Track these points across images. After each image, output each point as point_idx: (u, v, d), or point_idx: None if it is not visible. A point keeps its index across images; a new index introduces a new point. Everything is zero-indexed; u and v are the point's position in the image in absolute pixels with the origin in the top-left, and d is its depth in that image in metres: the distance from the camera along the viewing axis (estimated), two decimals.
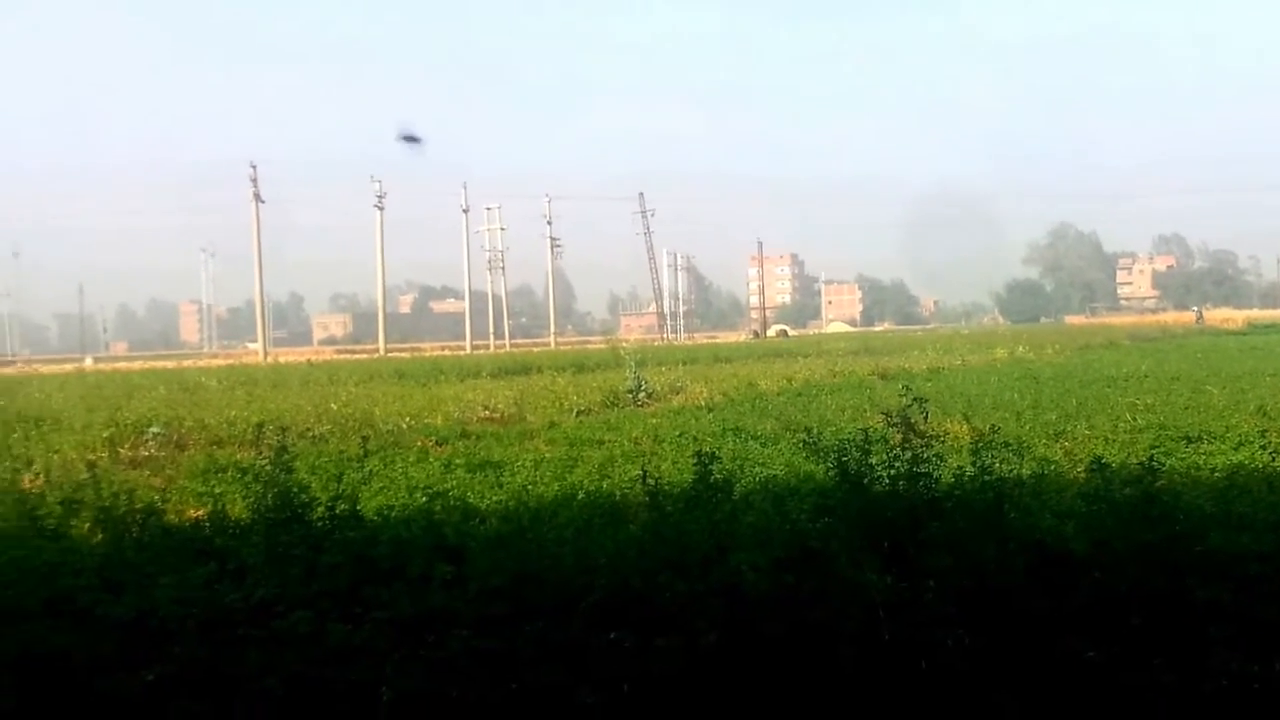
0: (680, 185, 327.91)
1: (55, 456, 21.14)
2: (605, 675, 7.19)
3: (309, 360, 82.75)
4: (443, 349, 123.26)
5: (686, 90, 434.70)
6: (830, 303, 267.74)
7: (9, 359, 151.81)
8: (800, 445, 14.66)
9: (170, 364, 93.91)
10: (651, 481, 11.53)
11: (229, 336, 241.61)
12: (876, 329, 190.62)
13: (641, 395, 35.25)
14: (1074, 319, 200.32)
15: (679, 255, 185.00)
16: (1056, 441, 20.23)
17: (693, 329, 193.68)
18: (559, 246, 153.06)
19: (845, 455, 10.78)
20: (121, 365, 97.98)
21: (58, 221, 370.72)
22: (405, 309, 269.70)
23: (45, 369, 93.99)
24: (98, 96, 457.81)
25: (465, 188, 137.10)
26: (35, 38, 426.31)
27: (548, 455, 20.92)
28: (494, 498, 15.71)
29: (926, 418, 12.15)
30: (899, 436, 11.49)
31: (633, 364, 39.48)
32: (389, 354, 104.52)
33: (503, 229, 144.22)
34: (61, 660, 7.97)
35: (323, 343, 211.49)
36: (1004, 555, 9.16)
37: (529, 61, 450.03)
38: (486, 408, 30.73)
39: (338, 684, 7.36)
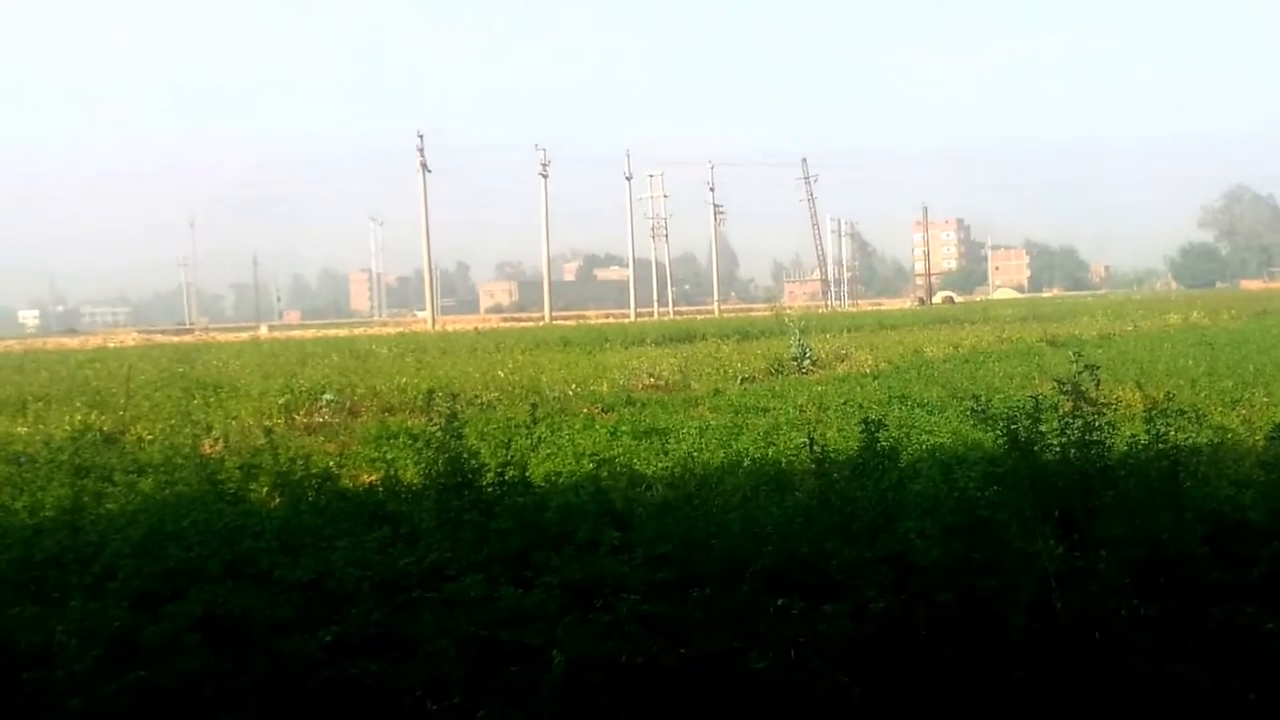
0: (844, 150, 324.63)
1: (233, 423, 21.73)
2: (774, 640, 7.18)
3: (476, 328, 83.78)
4: (607, 316, 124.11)
5: (847, 57, 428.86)
6: (997, 268, 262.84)
7: (188, 327, 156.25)
8: (968, 413, 14.43)
9: (342, 332, 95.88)
10: (818, 449, 11.48)
11: (398, 305, 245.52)
12: (1045, 295, 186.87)
13: (806, 362, 35.03)
14: (1250, 284, 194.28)
15: (842, 221, 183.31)
16: (1233, 409, 19.64)
17: (856, 296, 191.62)
18: (722, 213, 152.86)
19: (1015, 423, 10.61)
20: (295, 333, 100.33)
21: (233, 193, 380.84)
22: (570, 277, 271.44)
23: (222, 337, 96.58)
24: (276, 70, 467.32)
25: (628, 155, 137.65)
26: (221, 14, 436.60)
27: (713, 422, 20.92)
28: (660, 464, 15.78)
29: (1098, 385, 11.89)
30: (1069, 404, 11.27)
31: (797, 331, 39.26)
32: (554, 321, 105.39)
33: (666, 196, 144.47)
34: (243, 621, 8.22)
35: (489, 311, 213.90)
36: (1180, 524, 8.96)
37: (695, 29, 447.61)
38: (651, 375, 30.81)
39: (509, 646, 7.45)
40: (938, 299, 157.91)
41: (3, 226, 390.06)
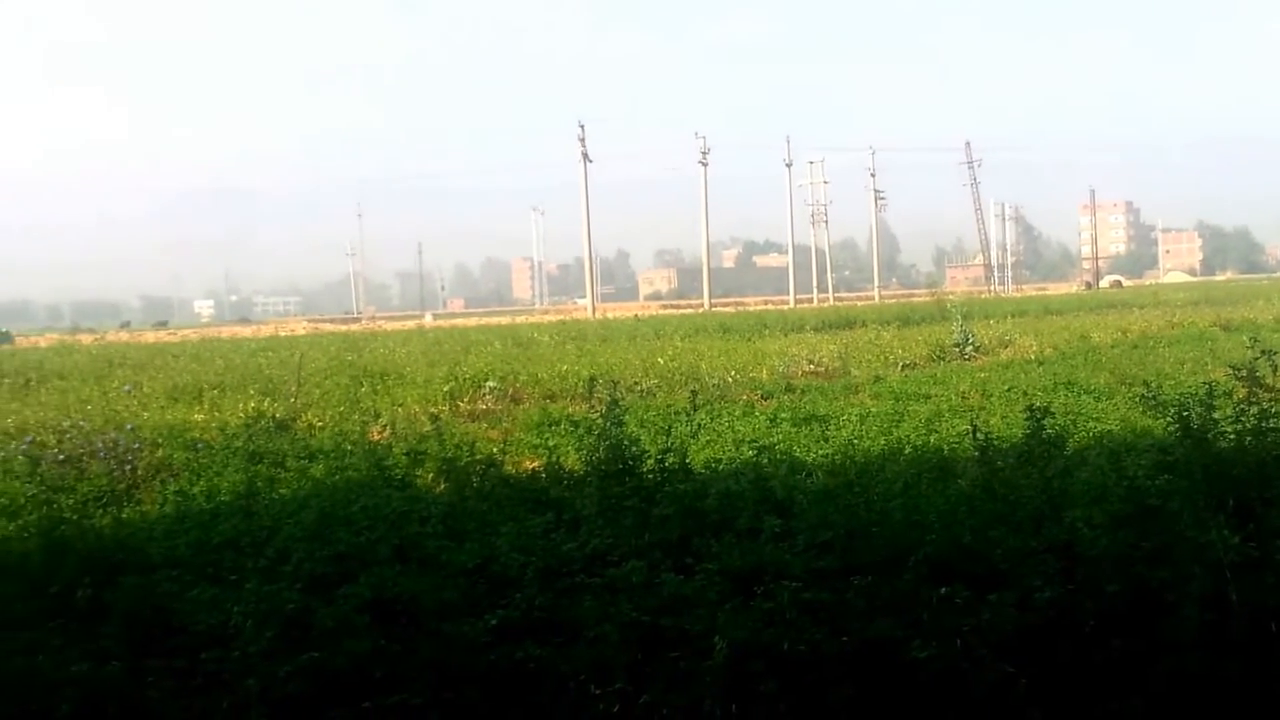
0: (1009, 132, 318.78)
1: (400, 410, 22.02)
2: (937, 630, 7.13)
3: (636, 315, 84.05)
4: (766, 303, 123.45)
5: (1011, 36, 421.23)
6: (1167, 251, 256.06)
7: (355, 316, 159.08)
8: (1137, 399, 14.13)
9: (504, 320, 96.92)
10: (981, 436, 11.35)
11: (559, 292, 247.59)
12: (1218, 278, 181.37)
13: (968, 348, 34.52)
14: None
15: (1006, 205, 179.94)
16: None
17: (1021, 280, 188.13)
18: (883, 199, 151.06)
19: (1186, 410, 10.34)
20: (459, 321, 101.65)
21: (399, 183, 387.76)
22: (729, 264, 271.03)
23: (388, 325, 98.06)
24: (441, 62, 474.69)
25: (788, 142, 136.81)
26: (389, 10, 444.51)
27: (873, 409, 20.72)
28: (820, 452, 15.71)
29: (1275, 370, 11.57)
30: (1244, 390, 10.98)
31: (959, 317, 38.69)
32: (713, 308, 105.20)
33: (826, 182, 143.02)
34: (411, 604, 8.38)
35: (648, 298, 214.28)
36: None
37: (854, 14, 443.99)
38: (811, 361, 30.60)
39: (670, 633, 7.48)
40: (1105, 283, 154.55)
41: (182, 221, 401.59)
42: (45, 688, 6.76)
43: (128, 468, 15.38)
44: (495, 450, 14.86)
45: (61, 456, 15.72)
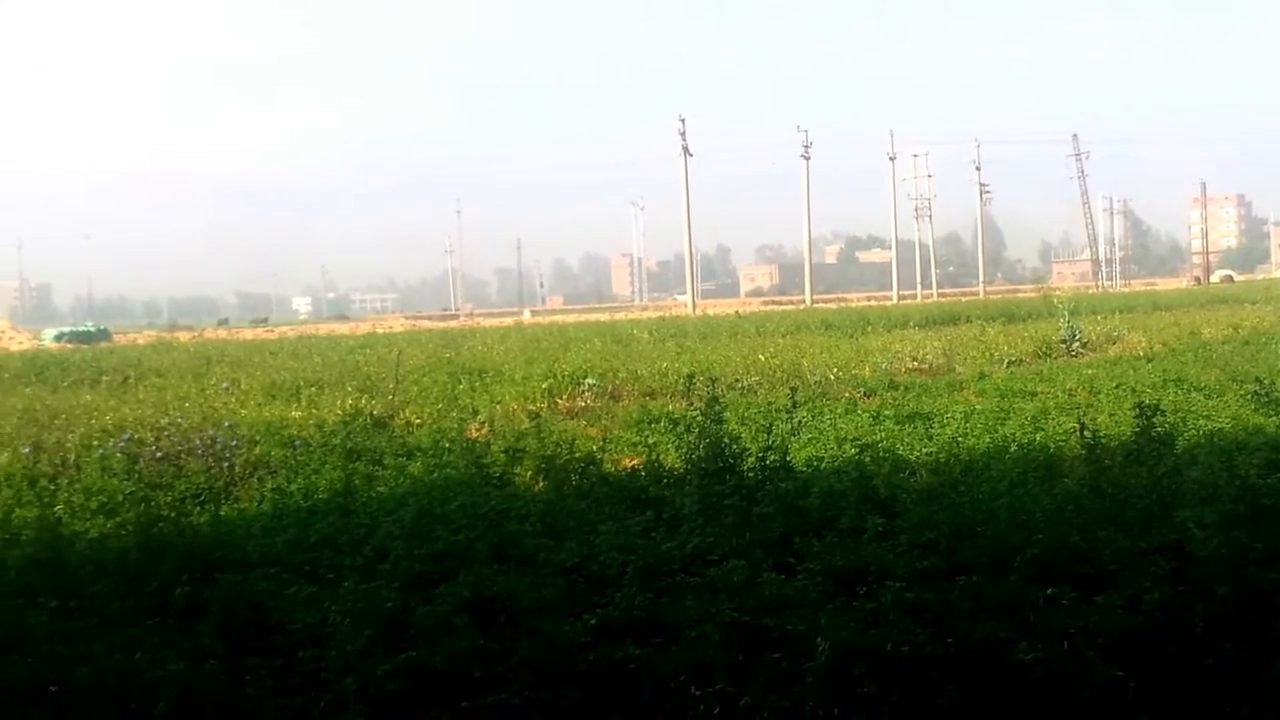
0: (1117, 125, 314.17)
1: (498, 407, 22.06)
2: (1044, 632, 6.96)
3: (736, 311, 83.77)
4: (868, 299, 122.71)
5: (1121, 26, 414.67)
6: None
7: (453, 313, 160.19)
8: (1249, 397, 13.80)
9: (603, 316, 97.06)
10: (1089, 434, 11.18)
11: (658, 288, 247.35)
12: None
13: (1075, 345, 34.09)
14: None
15: (1114, 199, 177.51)
16: None
17: (1129, 276, 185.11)
18: (988, 193, 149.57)
19: None
20: (557, 318, 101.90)
21: (496, 179, 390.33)
22: (831, 259, 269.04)
23: (486, 322, 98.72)
24: (536, 56, 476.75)
25: (892, 135, 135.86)
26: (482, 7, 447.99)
27: (978, 407, 20.47)
28: (924, 450, 15.51)
29: None
30: None
31: (1066, 313, 38.07)
32: (815, 304, 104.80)
33: (930, 176, 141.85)
34: (509, 603, 8.34)
35: (749, 294, 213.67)
36: None
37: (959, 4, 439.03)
38: (914, 358, 30.33)
39: (772, 633, 7.39)
40: (1216, 278, 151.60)
41: (280, 218, 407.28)
42: (144, 686, 6.77)
43: (225, 465, 15.53)
44: (594, 448, 14.80)
45: (160, 454, 15.89)
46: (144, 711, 6.58)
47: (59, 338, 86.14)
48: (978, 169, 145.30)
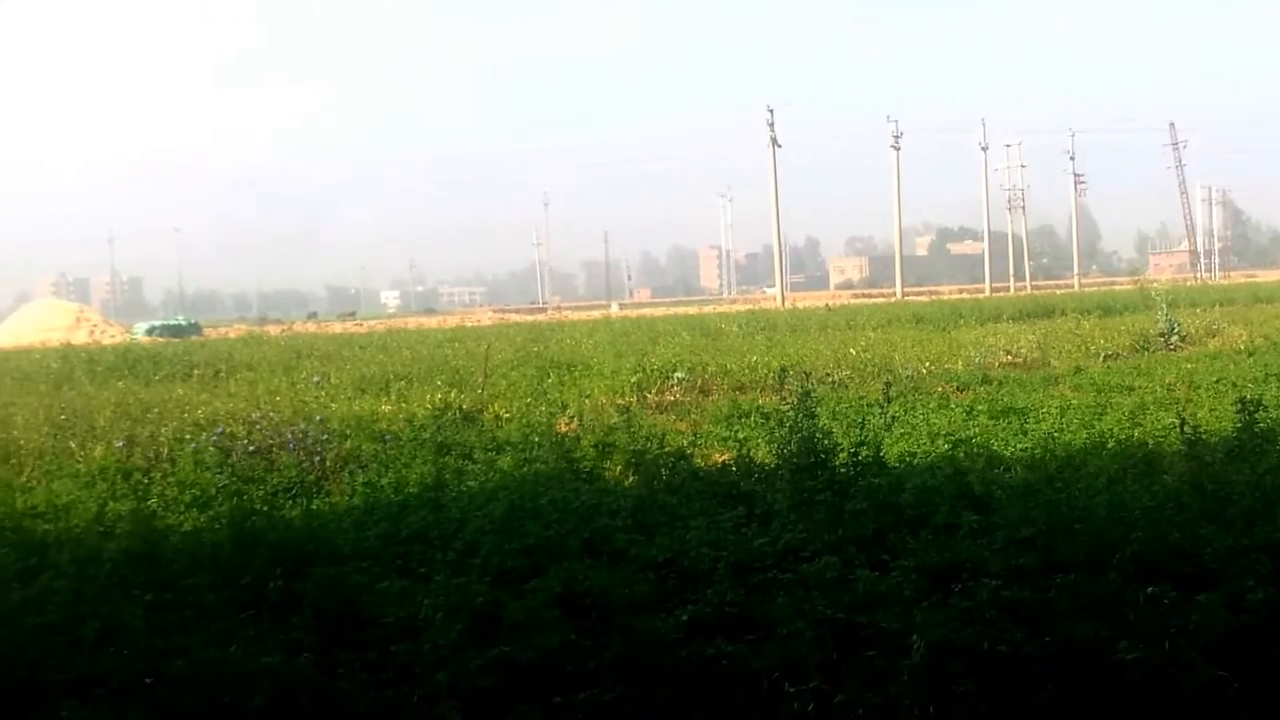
0: (1216, 113, 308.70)
1: (587, 401, 22.07)
2: (1144, 631, 6.83)
3: (826, 304, 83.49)
4: (960, 291, 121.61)
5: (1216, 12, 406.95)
6: None
7: (541, 306, 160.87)
8: None
9: (691, 309, 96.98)
10: (1188, 430, 10.99)
11: (747, 281, 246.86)
12: None
13: (1174, 338, 33.57)
14: None
15: (1213, 188, 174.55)
16: None
17: (1228, 267, 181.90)
18: (1083, 183, 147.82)
19: None
20: (645, 311, 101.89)
21: (584, 171, 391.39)
22: (922, 251, 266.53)
23: (574, 315, 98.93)
24: (620, 48, 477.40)
25: (984, 124, 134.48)
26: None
27: (1074, 401, 20.17)
28: (1018, 445, 15.30)
29: None
30: None
31: (1163, 305, 37.47)
32: (906, 297, 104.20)
33: (1023, 166, 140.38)
34: (600, 598, 8.32)
35: (839, 286, 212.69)
36: None
37: None
38: (1008, 352, 30.01)
39: (866, 630, 7.34)
40: None
41: (368, 212, 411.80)
42: (239, 679, 6.82)
43: (316, 459, 15.67)
44: (684, 443, 14.76)
45: (252, 448, 16.07)
46: (239, 704, 6.62)
47: (150, 331, 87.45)
48: (1072, 158, 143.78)
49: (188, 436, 17.03)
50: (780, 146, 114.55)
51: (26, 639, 7.74)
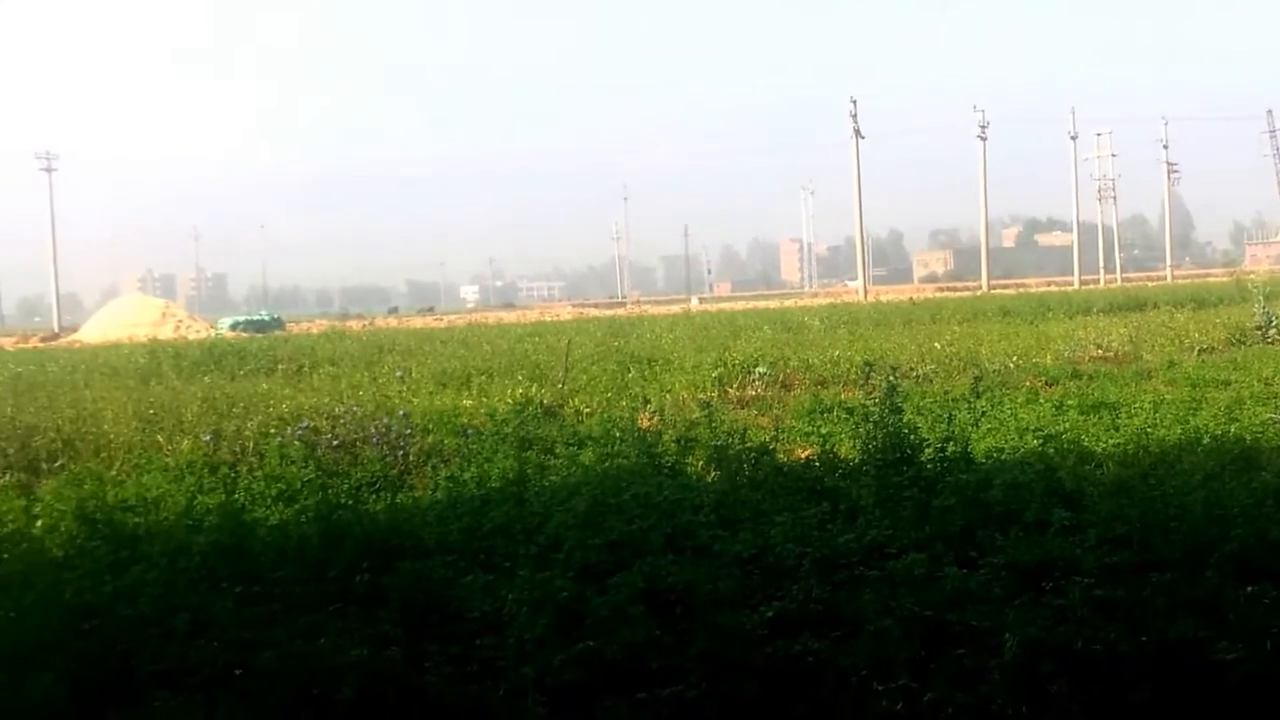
0: None
1: (668, 396, 21.99)
2: (1244, 630, 6.70)
3: (910, 298, 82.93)
4: (1048, 284, 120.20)
5: None
6: None
7: (620, 300, 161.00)
8: None
9: (772, 303, 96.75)
10: None
11: (829, 275, 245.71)
12: None
13: (1271, 331, 32.89)
14: None
15: None
16: None
17: None
18: (1175, 173, 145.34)
19: None
20: (725, 305, 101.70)
21: (663, 165, 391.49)
22: (1008, 243, 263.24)
23: (653, 310, 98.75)
24: (702, 40, 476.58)
25: (1073, 113, 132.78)
26: None
27: (1167, 396, 19.85)
28: (1110, 441, 15.08)
29: None
30: None
31: (1261, 297, 36.70)
32: (992, 290, 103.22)
33: (1114, 156, 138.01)
34: (685, 594, 8.27)
35: (923, 280, 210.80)
36: None
37: None
38: (1099, 346, 29.59)
39: (955, 628, 7.26)
40: None
41: (448, 207, 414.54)
42: (327, 671, 6.86)
43: (399, 453, 15.76)
44: (767, 438, 14.66)
45: (336, 442, 16.20)
46: (327, 696, 6.66)
47: (235, 326, 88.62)
48: (1165, 147, 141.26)
49: (273, 431, 17.20)
50: (863, 138, 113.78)
51: (119, 630, 7.87)
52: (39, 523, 11.89)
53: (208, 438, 16.78)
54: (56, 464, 16.38)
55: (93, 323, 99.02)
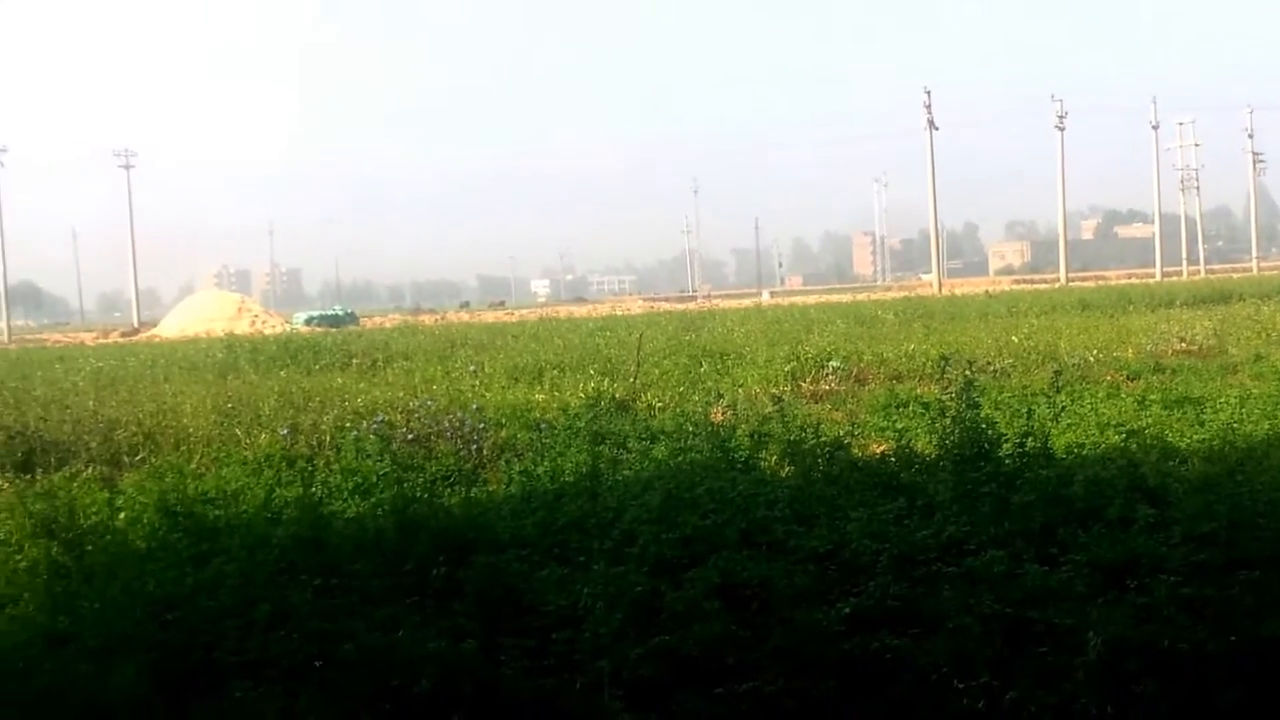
0: None
1: (740, 390, 21.90)
2: None
3: (986, 291, 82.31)
4: (1129, 277, 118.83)
5: None
6: None
7: (691, 294, 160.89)
8: None
9: (844, 297, 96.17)
10: None
11: (902, 268, 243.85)
12: None
13: None
14: None
15: None
16: None
17: None
18: (1262, 162, 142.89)
19: None
20: (797, 299, 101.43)
21: (733, 158, 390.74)
22: (1087, 235, 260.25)
23: (724, 303, 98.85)
24: (768, 33, 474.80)
25: (1154, 102, 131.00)
26: None
27: (1254, 391, 19.42)
28: (1195, 437, 14.79)
29: None
30: None
31: None
32: (1070, 283, 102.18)
33: (1196, 145, 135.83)
34: (760, 589, 8.23)
35: (999, 272, 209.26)
36: None
37: None
38: (1182, 339, 29.07)
39: (1037, 626, 7.19)
40: None
41: (515, 202, 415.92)
42: (405, 664, 6.90)
43: (473, 447, 15.75)
44: (841, 432, 14.55)
45: (410, 436, 16.22)
46: (404, 688, 6.70)
47: (309, 321, 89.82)
48: (1250, 136, 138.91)
49: (348, 425, 17.31)
50: (938, 129, 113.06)
51: (200, 621, 7.98)
52: (122, 515, 12.03)
53: (285, 432, 16.88)
54: (138, 457, 16.60)
55: (171, 318, 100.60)
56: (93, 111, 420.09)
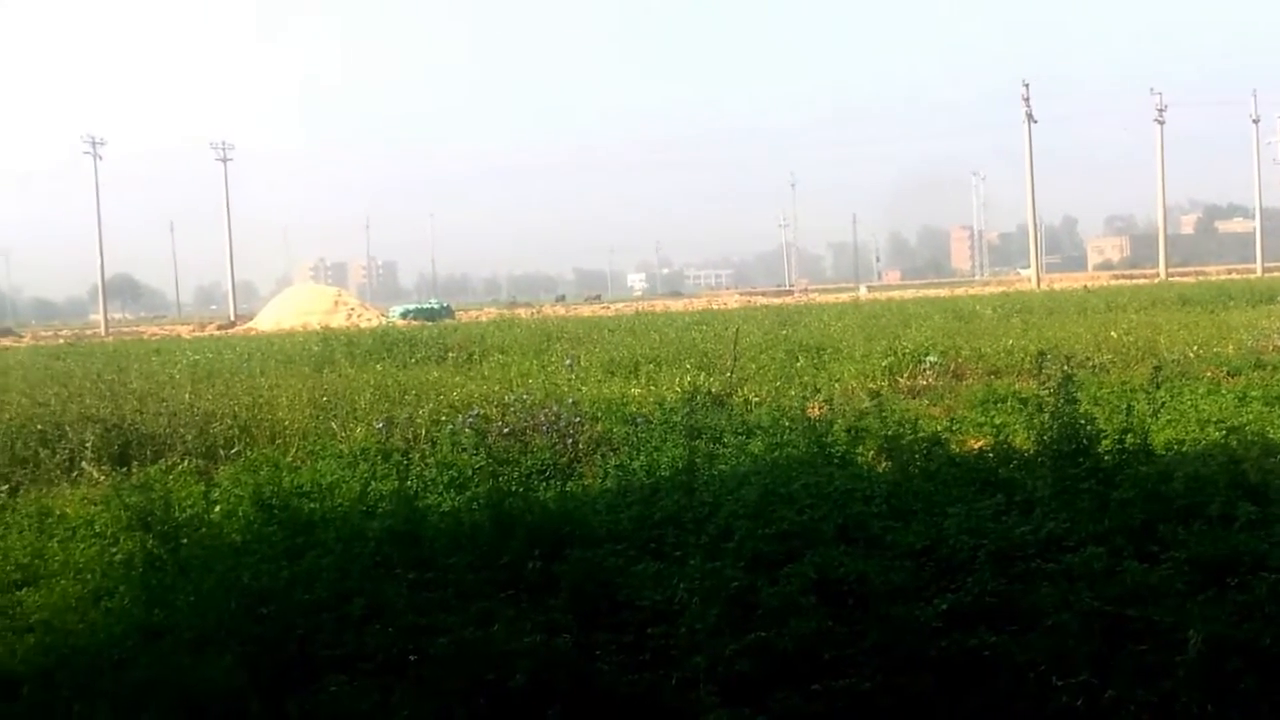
0: None
1: (837, 385, 21.77)
2: None
3: (1085, 286, 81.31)
4: (1229, 272, 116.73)
5: None
6: None
7: (787, 289, 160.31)
8: None
9: (942, 292, 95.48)
10: None
11: (1000, 263, 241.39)
12: None
13: None
14: None
15: None
16: None
17: None
18: None
19: None
20: (894, 293, 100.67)
21: (831, 151, 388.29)
22: (1187, 230, 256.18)
23: (821, 298, 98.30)
24: (861, 25, 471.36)
25: (1254, 96, 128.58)
26: None
27: None
28: None
29: None
30: None
31: None
32: (1170, 278, 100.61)
33: None
34: (857, 585, 8.21)
35: (1097, 267, 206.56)
36: None
37: None
38: None
39: (1137, 624, 7.12)
40: None
41: (617, 195, 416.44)
42: (500, 658, 6.95)
43: (569, 441, 15.76)
44: (938, 428, 14.46)
45: (506, 430, 16.25)
46: (500, 683, 6.74)
47: (405, 314, 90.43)
48: None
49: (444, 418, 17.45)
50: (1036, 122, 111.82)
51: (296, 615, 8.05)
52: (217, 508, 12.24)
53: (380, 425, 17.00)
54: (233, 450, 16.82)
55: (267, 311, 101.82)
56: (190, 104, 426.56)
